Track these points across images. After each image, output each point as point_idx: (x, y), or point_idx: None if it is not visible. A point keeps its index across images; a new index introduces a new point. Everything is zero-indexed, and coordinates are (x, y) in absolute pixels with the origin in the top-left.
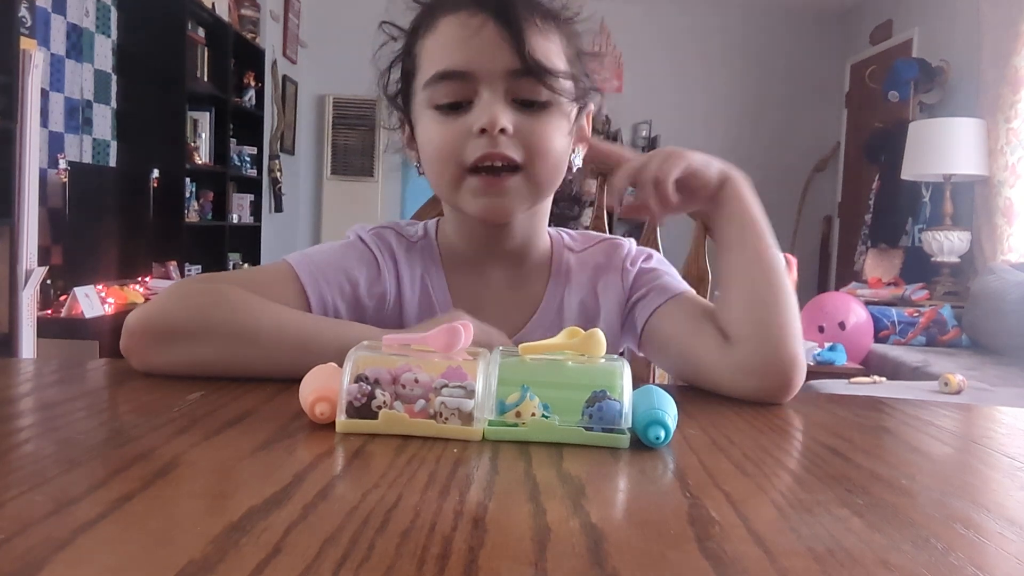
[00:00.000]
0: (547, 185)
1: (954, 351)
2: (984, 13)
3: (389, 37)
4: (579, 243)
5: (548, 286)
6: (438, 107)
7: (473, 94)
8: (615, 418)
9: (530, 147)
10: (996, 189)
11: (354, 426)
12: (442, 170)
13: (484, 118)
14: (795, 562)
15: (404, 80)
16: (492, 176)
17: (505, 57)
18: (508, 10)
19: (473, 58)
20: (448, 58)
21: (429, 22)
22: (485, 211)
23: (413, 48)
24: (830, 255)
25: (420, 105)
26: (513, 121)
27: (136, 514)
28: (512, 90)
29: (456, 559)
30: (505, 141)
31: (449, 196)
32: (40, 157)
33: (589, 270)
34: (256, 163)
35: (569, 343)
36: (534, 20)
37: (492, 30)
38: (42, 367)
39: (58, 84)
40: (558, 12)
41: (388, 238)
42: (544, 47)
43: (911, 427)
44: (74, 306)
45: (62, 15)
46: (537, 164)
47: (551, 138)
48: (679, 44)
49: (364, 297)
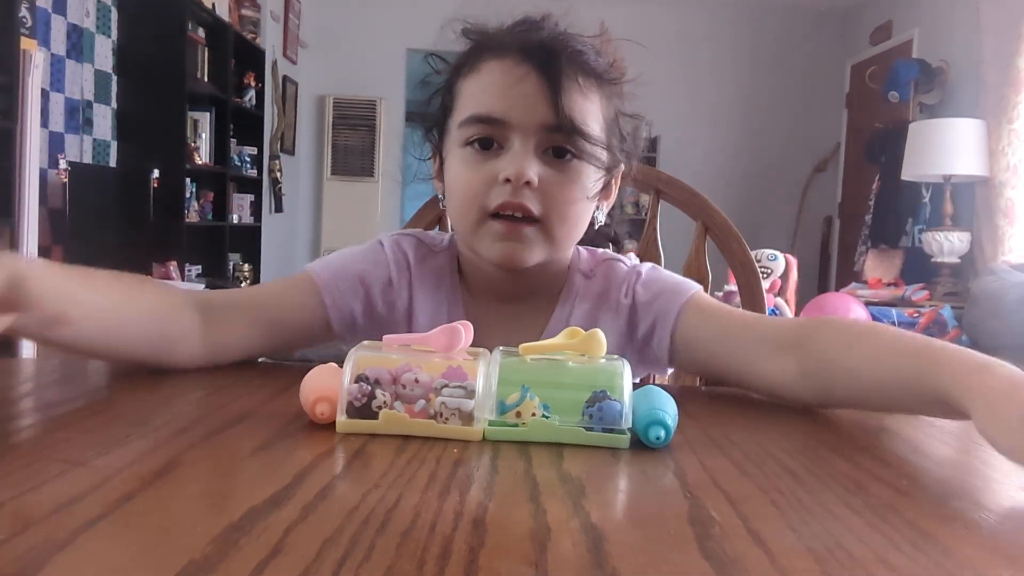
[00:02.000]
0: (564, 241)
1: None
2: (984, 14)
3: (433, 70)
4: (588, 264)
5: (555, 311)
6: (469, 144)
7: (505, 140)
8: (615, 418)
9: (551, 202)
10: (998, 190)
11: (354, 426)
12: (465, 212)
13: (511, 169)
14: (795, 562)
15: (442, 113)
16: (511, 222)
17: (541, 111)
18: (552, 64)
19: (510, 107)
20: (486, 103)
21: (474, 62)
22: (502, 257)
23: (454, 85)
24: (830, 256)
25: (453, 142)
26: (539, 174)
27: (136, 514)
28: (543, 142)
29: (456, 559)
30: (528, 193)
31: (469, 237)
32: (40, 157)
33: (592, 298)
34: (256, 163)
35: (570, 343)
36: (576, 78)
37: (533, 82)
38: (42, 367)
39: (58, 84)
40: (602, 72)
41: (405, 247)
42: (581, 106)
43: (911, 427)
44: None
45: (62, 15)
46: (555, 220)
47: (573, 196)
48: (679, 44)
49: (379, 304)
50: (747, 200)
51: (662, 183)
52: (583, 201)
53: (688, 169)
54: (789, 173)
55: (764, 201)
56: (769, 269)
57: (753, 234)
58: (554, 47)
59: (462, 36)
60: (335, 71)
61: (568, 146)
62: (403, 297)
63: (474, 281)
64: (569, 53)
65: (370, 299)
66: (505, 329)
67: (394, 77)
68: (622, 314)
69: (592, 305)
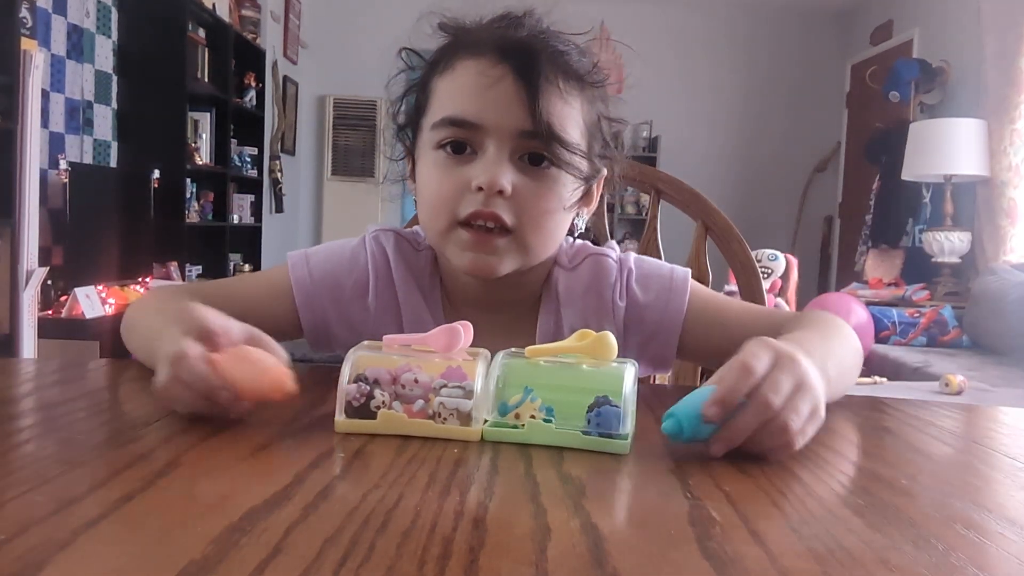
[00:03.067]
0: (538, 251)
1: (955, 351)
2: (984, 13)
3: (407, 65)
4: (569, 258)
5: (540, 315)
6: (442, 147)
7: (479, 145)
8: (613, 424)
9: (525, 212)
10: (999, 190)
11: (353, 426)
12: (434, 218)
13: (484, 177)
14: (795, 562)
15: (415, 112)
16: (482, 233)
17: (517, 115)
18: (530, 66)
19: (485, 111)
20: (460, 105)
21: (449, 60)
22: (471, 267)
23: (429, 83)
24: (831, 256)
25: (425, 143)
26: (514, 181)
27: (136, 514)
28: (519, 147)
29: (457, 559)
30: (500, 203)
31: (438, 244)
32: (41, 158)
33: (579, 296)
34: (257, 164)
35: (578, 345)
36: (556, 80)
37: (509, 85)
38: (43, 367)
39: (59, 85)
40: (584, 74)
41: (385, 244)
42: (560, 111)
43: (912, 427)
44: (75, 307)
45: (63, 16)
46: (528, 230)
47: (549, 207)
48: (679, 44)
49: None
50: (747, 200)
51: (662, 183)
52: (559, 211)
53: (688, 169)
54: (789, 173)
55: (764, 201)
56: (769, 269)
57: (753, 234)
58: (534, 46)
59: (438, 30)
60: (335, 71)
61: (545, 153)
62: (384, 298)
63: (452, 284)
64: (550, 53)
65: (344, 304)
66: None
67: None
68: (618, 317)
69: (581, 307)
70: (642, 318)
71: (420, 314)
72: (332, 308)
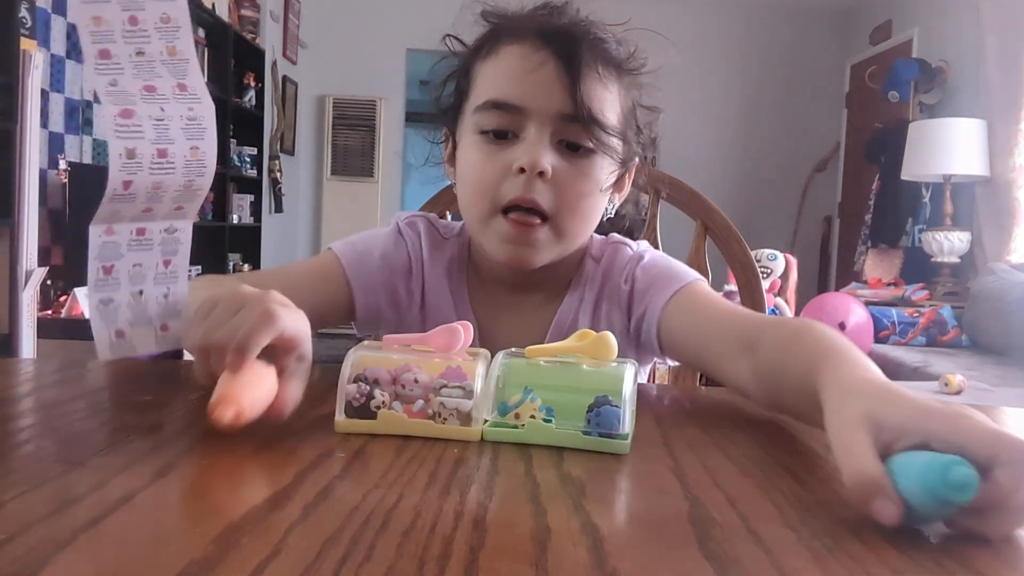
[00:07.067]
0: (574, 237)
1: (954, 351)
2: (984, 13)
3: (450, 51)
4: (599, 246)
5: (564, 300)
6: (484, 133)
7: (520, 128)
8: (613, 424)
9: (563, 196)
10: (1004, 189)
11: (352, 426)
12: (476, 202)
13: (525, 158)
14: (795, 562)
15: (457, 96)
16: (522, 225)
17: (558, 98)
18: (571, 51)
19: (527, 94)
20: (503, 88)
21: (492, 46)
22: (509, 258)
23: (471, 68)
24: (830, 255)
25: (467, 126)
26: (553, 164)
27: (136, 514)
28: (559, 132)
29: (457, 559)
30: (540, 187)
31: (477, 231)
32: (40, 157)
33: (598, 282)
34: (256, 163)
35: (578, 346)
36: (596, 66)
37: (551, 69)
38: (42, 367)
39: (58, 84)
40: (622, 61)
41: (421, 230)
42: (600, 95)
43: None
44: (74, 306)
45: (62, 15)
46: (566, 215)
47: (586, 190)
48: (679, 44)
49: (400, 290)
50: (747, 200)
51: (662, 183)
52: (596, 194)
53: (688, 169)
54: (789, 173)
55: (764, 201)
56: (769, 269)
57: (753, 234)
58: (575, 33)
59: (481, 19)
60: (335, 71)
61: (584, 137)
62: (418, 284)
63: (484, 270)
64: (590, 40)
65: (393, 284)
66: (514, 318)
67: (394, 77)
68: (622, 300)
69: (597, 291)
70: (637, 300)
71: (448, 298)
72: (383, 290)
